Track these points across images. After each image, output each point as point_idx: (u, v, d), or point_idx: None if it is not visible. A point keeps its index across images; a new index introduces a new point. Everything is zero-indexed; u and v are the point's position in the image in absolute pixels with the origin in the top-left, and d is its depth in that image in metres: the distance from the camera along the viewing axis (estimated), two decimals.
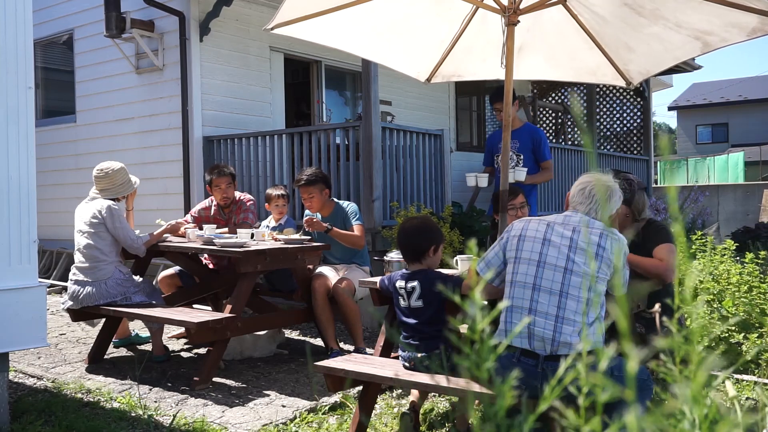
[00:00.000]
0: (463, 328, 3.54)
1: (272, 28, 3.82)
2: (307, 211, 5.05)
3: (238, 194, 5.48)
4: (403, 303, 3.15)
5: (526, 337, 2.53)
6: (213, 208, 5.41)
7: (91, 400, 3.85)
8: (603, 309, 2.62)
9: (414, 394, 3.36)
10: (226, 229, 5.06)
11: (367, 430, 3.26)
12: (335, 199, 4.99)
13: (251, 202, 5.40)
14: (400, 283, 3.15)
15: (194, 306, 5.35)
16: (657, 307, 1.26)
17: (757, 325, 4.16)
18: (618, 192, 2.77)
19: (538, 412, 0.78)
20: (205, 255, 5.19)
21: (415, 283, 3.10)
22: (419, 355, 3.06)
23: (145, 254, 4.69)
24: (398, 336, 3.12)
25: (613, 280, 2.68)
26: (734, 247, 4.71)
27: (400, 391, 3.91)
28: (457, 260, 3.44)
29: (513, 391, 0.81)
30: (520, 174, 5.24)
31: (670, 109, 35.08)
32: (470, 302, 0.83)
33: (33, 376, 4.35)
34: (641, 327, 3.51)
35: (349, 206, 4.93)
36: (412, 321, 3.11)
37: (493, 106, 5.70)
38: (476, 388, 2.72)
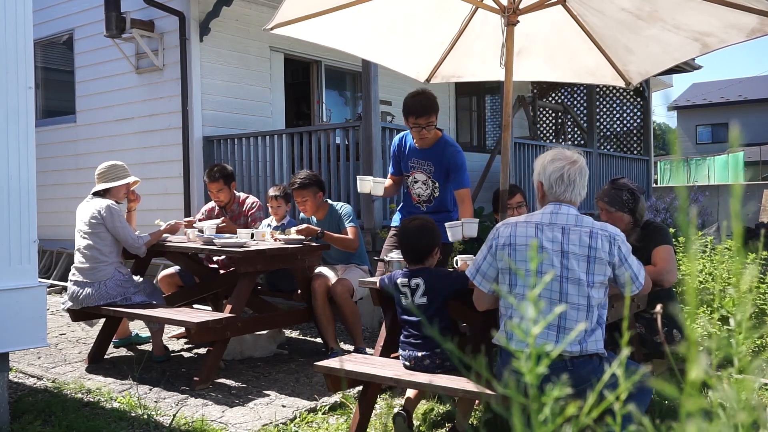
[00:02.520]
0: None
1: (272, 28, 3.82)
2: (301, 215, 5.03)
3: (242, 195, 5.47)
4: (405, 301, 3.14)
5: (527, 345, 2.47)
6: (216, 209, 5.42)
7: (91, 400, 3.85)
8: (605, 310, 2.58)
9: (409, 393, 3.35)
10: (218, 221, 5.05)
11: (367, 430, 3.26)
12: (329, 201, 4.96)
13: (258, 207, 5.38)
14: (402, 281, 3.15)
15: (194, 306, 5.35)
16: (659, 308, 1.26)
17: (757, 325, 4.16)
18: (585, 165, 2.63)
19: (583, 422, 0.78)
20: (204, 255, 5.19)
21: (419, 280, 3.10)
22: (420, 353, 3.05)
23: (145, 254, 4.68)
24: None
25: (616, 279, 2.57)
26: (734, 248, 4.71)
27: (399, 390, 3.91)
28: (456, 260, 3.44)
29: (569, 400, 0.80)
30: (470, 229, 3.67)
31: (670, 109, 35.08)
32: (526, 306, 0.83)
33: (33, 376, 4.35)
34: (641, 327, 3.51)
35: (343, 208, 4.89)
36: (415, 319, 3.10)
37: (413, 122, 3.99)
38: (477, 389, 2.72)
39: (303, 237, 4.64)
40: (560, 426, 0.78)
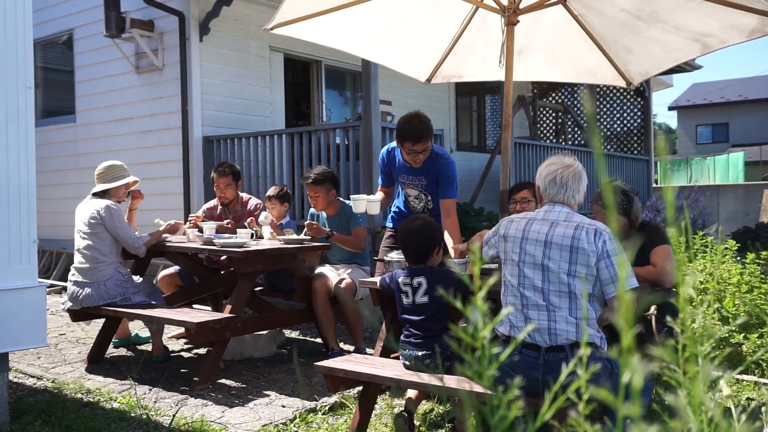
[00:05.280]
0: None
1: (272, 28, 3.82)
2: (311, 210, 5.03)
3: (245, 196, 5.47)
4: (406, 300, 3.13)
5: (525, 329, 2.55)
6: (219, 207, 5.41)
7: (91, 400, 3.84)
8: (597, 304, 2.60)
9: (411, 393, 3.35)
10: (222, 223, 5.06)
11: (367, 430, 3.25)
12: (341, 199, 4.96)
13: (262, 209, 5.37)
14: (404, 279, 3.14)
15: (194, 306, 5.35)
16: (653, 309, 1.26)
17: (757, 325, 4.16)
18: (583, 171, 2.76)
19: (540, 422, 0.78)
20: (203, 255, 5.18)
21: (421, 279, 3.10)
22: (420, 353, 3.05)
23: (145, 254, 4.68)
24: (396, 343, 3.11)
25: (598, 273, 2.57)
26: (735, 248, 4.71)
27: (399, 390, 3.90)
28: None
29: (517, 402, 0.81)
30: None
31: (670, 108, 35.08)
32: (472, 308, 0.83)
33: (33, 376, 4.35)
34: (640, 327, 3.51)
35: None
36: (416, 318, 3.10)
37: (409, 149, 3.83)
38: (477, 389, 2.72)
39: (305, 237, 4.64)
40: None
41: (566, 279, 2.53)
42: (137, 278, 4.64)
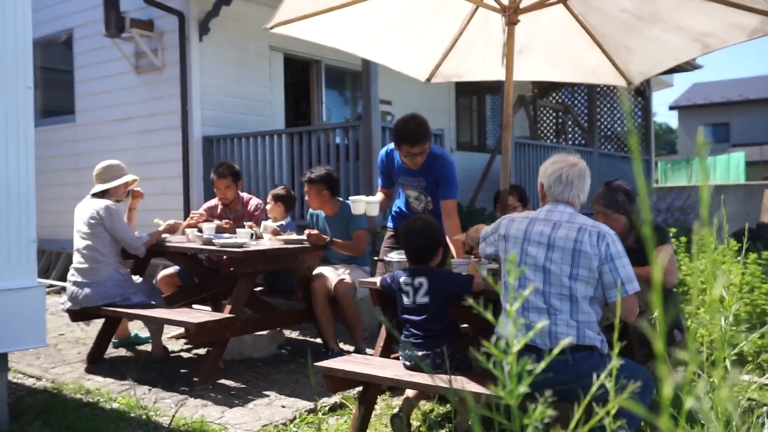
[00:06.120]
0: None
1: (272, 27, 3.81)
2: (310, 210, 5.05)
3: (245, 195, 5.46)
4: (406, 300, 3.13)
5: (526, 332, 2.53)
6: (219, 207, 5.41)
7: (91, 400, 3.84)
8: (598, 306, 2.59)
9: (410, 393, 3.34)
10: (221, 223, 5.05)
11: (367, 430, 3.25)
12: (341, 199, 4.95)
13: (262, 209, 5.36)
14: (405, 279, 3.13)
15: (194, 306, 5.34)
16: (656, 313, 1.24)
17: (758, 325, 4.15)
18: (587, 170, 2.72)
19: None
20: (204, 255, 5.17)
21: (422, 279, 3.09)
22: (420, 353, 3.04)
23: (144, 254, 4.67)
24: (399, 336, 3.10)
25: (602, 277, 2.57)
26: (736, 248, 4.71)
27: (399, 391, 3.90)
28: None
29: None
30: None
31: (671, 108, 35.07)
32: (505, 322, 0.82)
33: (32, 377, 4.34)
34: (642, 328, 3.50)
35: None
36: (416, 318, 3.09)
37: (406, 151, 3.77)
38: (476, 389, 2.71)
39: (304, 237, 4.64)
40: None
41: (568, 282, 2.50)
42: (137, 278, 4.64)
